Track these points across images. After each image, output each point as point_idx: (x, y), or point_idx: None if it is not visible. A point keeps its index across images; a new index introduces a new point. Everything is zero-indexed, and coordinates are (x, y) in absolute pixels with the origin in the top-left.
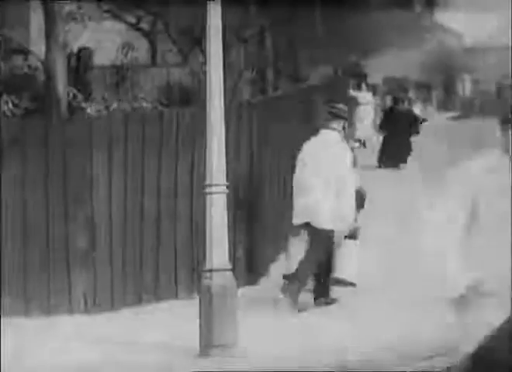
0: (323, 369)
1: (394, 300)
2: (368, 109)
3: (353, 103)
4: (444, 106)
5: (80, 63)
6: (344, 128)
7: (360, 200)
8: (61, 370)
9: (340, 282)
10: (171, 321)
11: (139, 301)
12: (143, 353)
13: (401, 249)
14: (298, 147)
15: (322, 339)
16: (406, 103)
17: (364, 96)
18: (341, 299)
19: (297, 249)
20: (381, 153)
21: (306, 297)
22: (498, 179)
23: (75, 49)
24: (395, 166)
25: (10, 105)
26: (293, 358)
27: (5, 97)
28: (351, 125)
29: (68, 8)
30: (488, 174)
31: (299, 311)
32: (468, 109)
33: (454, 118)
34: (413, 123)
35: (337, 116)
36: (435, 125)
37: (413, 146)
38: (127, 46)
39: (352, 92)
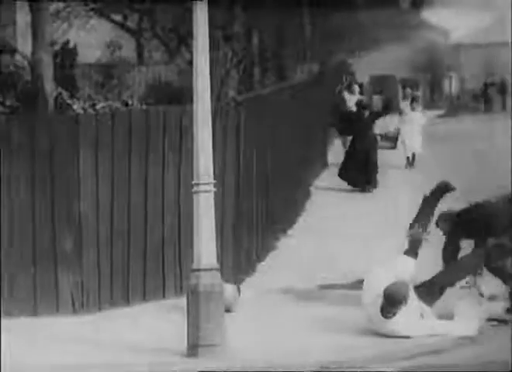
0: (311, 369)
1: None
2: None
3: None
4: (430, 104)
5: (64, 60)
6: None
7: None
8: (47, 370)
9: None
10: (159, 321)
11: (126, 301)
12: (130, 353)
13: None
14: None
15: (312, 337)
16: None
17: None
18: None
19: None
20: (342, 165)
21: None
22: None
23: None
24: (361, 187)
25: None
26: (281, 357)
27: None
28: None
29: (54, 7)
30: None
31: None
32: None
33: (440, 117)
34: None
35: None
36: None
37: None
38: (113, 45)
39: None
